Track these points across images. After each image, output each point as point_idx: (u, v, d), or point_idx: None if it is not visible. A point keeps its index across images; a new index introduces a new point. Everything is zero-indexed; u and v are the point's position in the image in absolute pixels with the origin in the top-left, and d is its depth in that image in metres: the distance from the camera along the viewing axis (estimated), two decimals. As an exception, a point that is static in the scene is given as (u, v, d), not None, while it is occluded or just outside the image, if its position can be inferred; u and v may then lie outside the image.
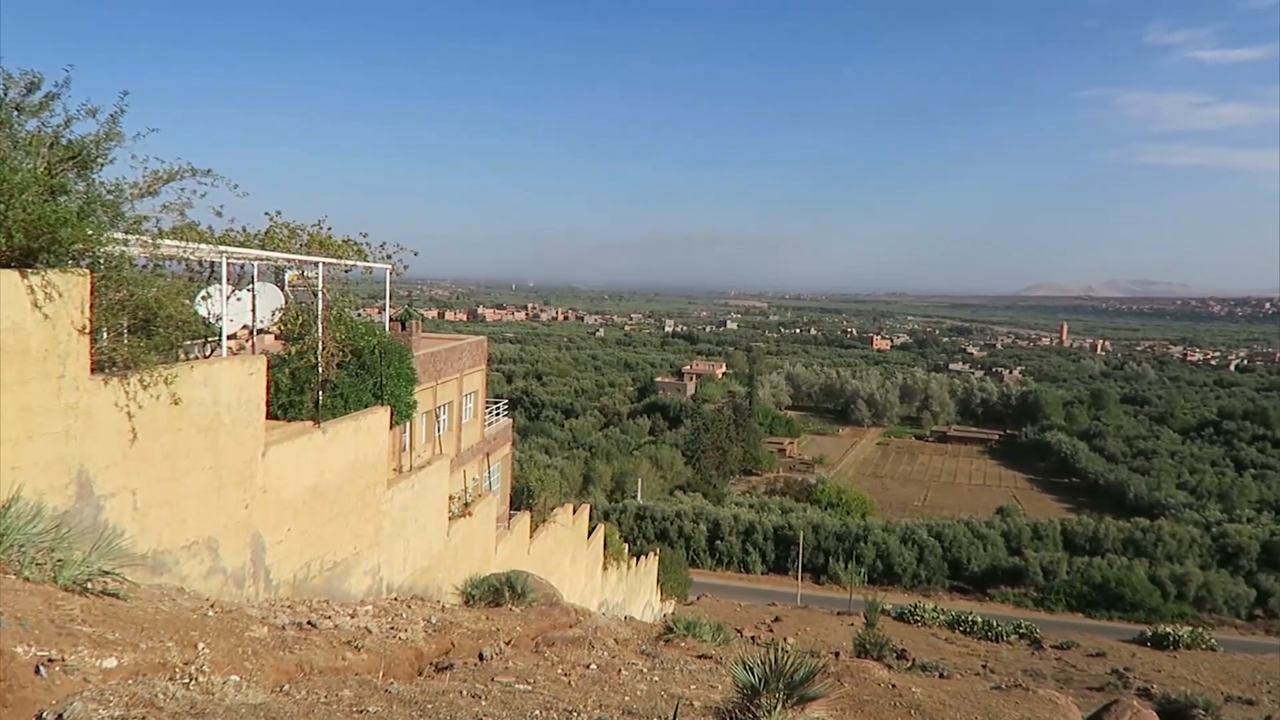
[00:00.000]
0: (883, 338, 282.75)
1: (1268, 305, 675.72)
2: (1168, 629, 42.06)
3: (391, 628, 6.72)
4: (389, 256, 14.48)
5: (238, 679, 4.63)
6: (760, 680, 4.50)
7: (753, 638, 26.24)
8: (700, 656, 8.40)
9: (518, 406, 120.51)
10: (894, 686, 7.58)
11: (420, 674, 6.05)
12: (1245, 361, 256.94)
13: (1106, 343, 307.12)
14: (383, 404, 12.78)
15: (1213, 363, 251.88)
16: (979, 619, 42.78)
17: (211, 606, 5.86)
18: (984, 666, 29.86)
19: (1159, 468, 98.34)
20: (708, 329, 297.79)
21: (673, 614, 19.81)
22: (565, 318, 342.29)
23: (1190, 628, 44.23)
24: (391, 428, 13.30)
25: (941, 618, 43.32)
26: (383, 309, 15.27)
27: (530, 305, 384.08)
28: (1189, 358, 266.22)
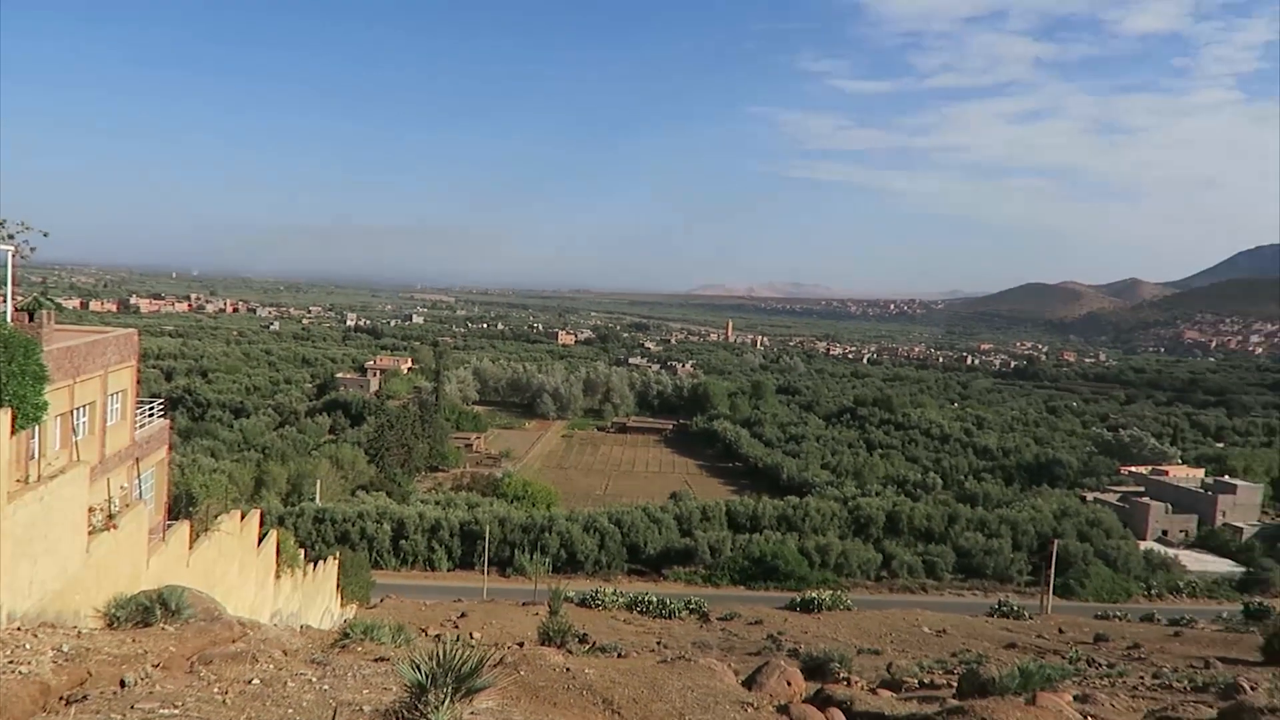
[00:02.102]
0: (568, 333, 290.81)
1: (892, 306, 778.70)
2: (814, 594, 46.93)
3: (10, 661, 5.90)
4: (10, 237, 12.64)
5: None
6: (428, 677, 4.49)
7: (437, 635, 25.95)
8: (377, 660, 8.19)
9: (178, 406, 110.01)
10: (568, 670, 7.86)
11: (45, 710, 5.37)
12: (875, 355, 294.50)
13: (765, 339, 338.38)
14: (1, 406, 11.10)
15: (850, 356, 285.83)
16: (654, 599, 45.22)
17: None
18: (658, 643, 31.69)
19: (807, 451, 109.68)
20: (392, 323, 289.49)
21: (352, 619, 19.09)
22: (235, 310, 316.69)
23: (832, 592, 49.78)
24: (14, 433, 11.59)
25: (621, 600, 45.31)
26: (3, 297, 13.29)
27: (194, 296, 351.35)
28: (831, 352, 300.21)
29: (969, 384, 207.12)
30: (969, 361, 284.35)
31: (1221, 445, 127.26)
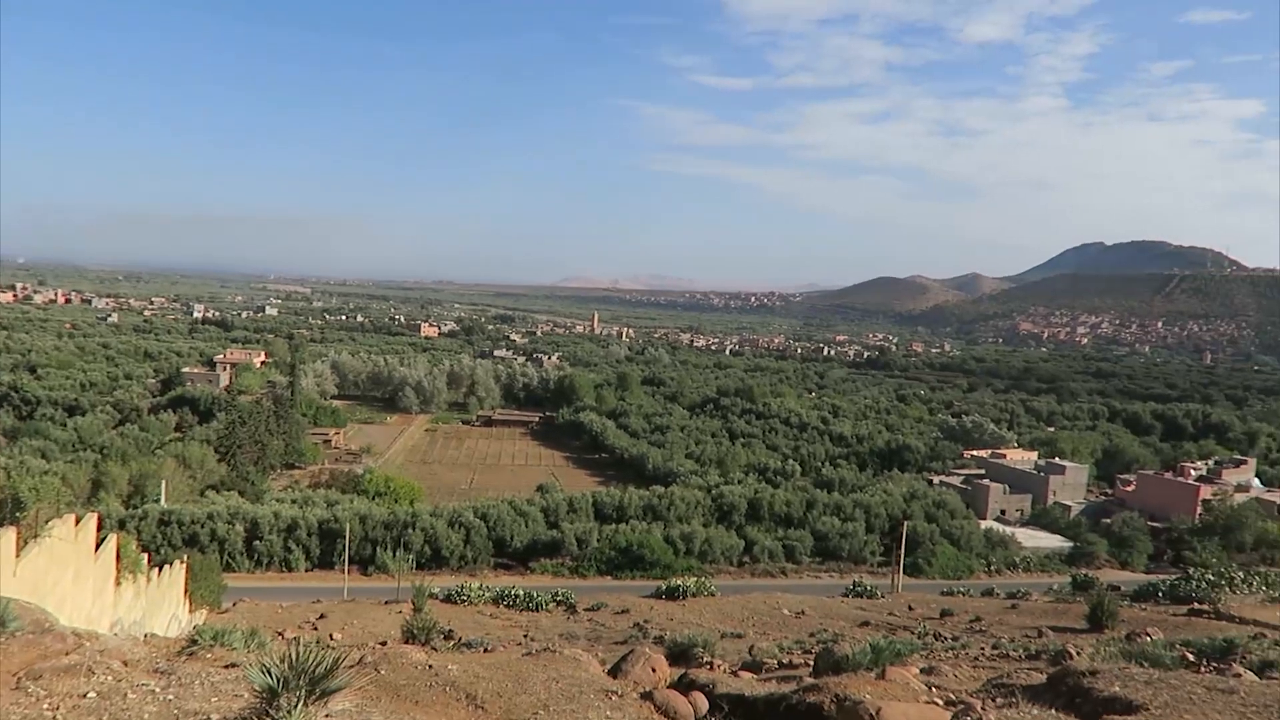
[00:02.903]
0: (430, 325, 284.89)
1: (753, 299, 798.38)
2: (679, 582, 47.68)
3: None
4: None
5: None
6: (279, 680, 4.33)
7: (295, 638, 25.01)
8: (228, 666, 7.84)
9: (2, 404, 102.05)
10: (431, 667, 7.74)
11: None
12: (737, 346, 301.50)
13: (630, 330, 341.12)
14: None
15: (713, 348, 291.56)
16: (521, 592, 44.99)
17: None
18: (525, 636, 31.56)
19: (672, 441, 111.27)
20: (244, 315, 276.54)
21: (202, 625, 18.18)
22: (67, 300, 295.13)
23: (696, 578, 50.69)
24: None
25: (487, 595, 44.86)
26: None
27: (20, 285, 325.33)
28: (695, 343, 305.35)
29: (825, 374, 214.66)
30: (825, 352, 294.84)
31: (1052, 429, 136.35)
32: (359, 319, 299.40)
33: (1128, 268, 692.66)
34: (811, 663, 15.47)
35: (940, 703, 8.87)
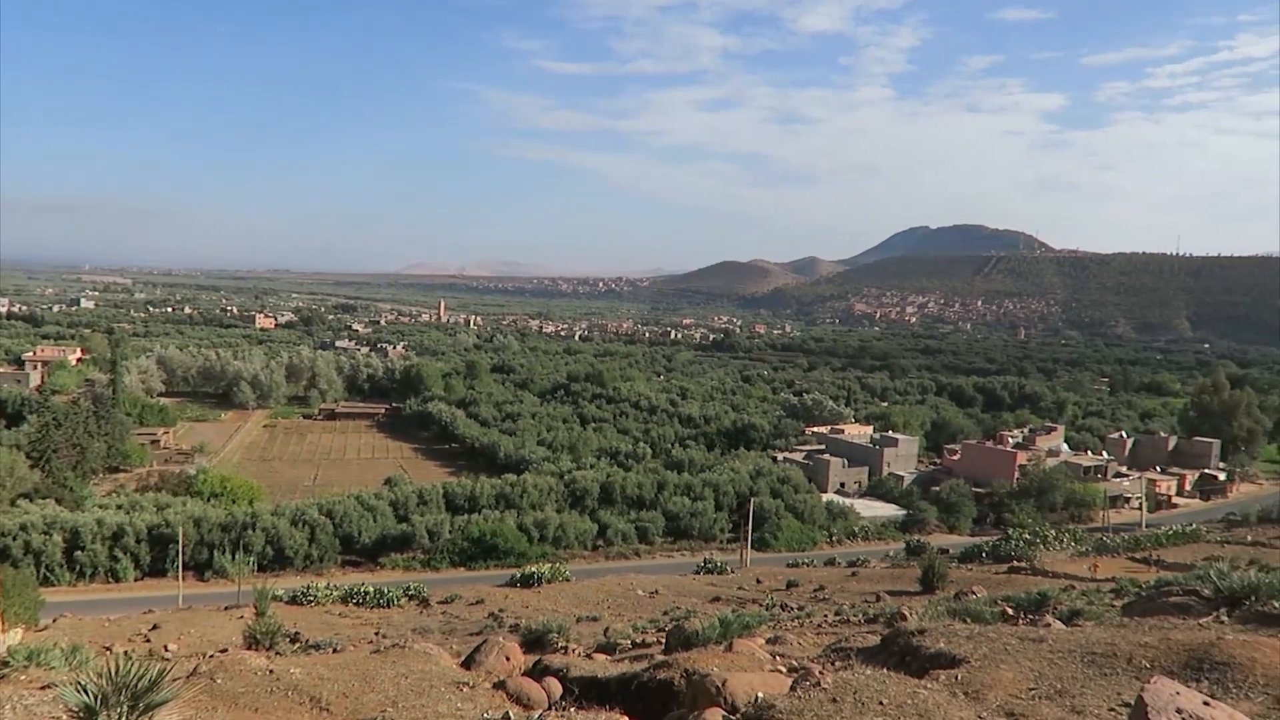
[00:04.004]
0: (266, 316, 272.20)
1: (601, 284, 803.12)
2: (534, 569, 47.67)
3: None
4: None
5: None
6: (97, 698, 4.06)
7: (126, 652, 23.53)
8: (44, 687, 7.31)
9: None
10: (272, 672, 7.46)
11: None
12: (586, 332, 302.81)
13: (478, 318, 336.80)
14: None
15: (563, 334, 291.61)
16: (372, 589, 43.86)
17: None
18: (376, 633, 30.80)
19: (523, 428, 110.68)
20: (56, 309, 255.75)
21: (15, 645, 16.83)
22: None
23: (551, 565, 50.79)
24: None
25: (335, 594, 43.49)
26: None
27: None
28: (544, 330, 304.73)
29: (673, 357, 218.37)
30: (673, 336, 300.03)
31: (886, 404, 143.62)
32: (186, 311, 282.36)
33: (951, 250, 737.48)
34: (664, 640, 15.82)
35: (783, 670, 9.27)
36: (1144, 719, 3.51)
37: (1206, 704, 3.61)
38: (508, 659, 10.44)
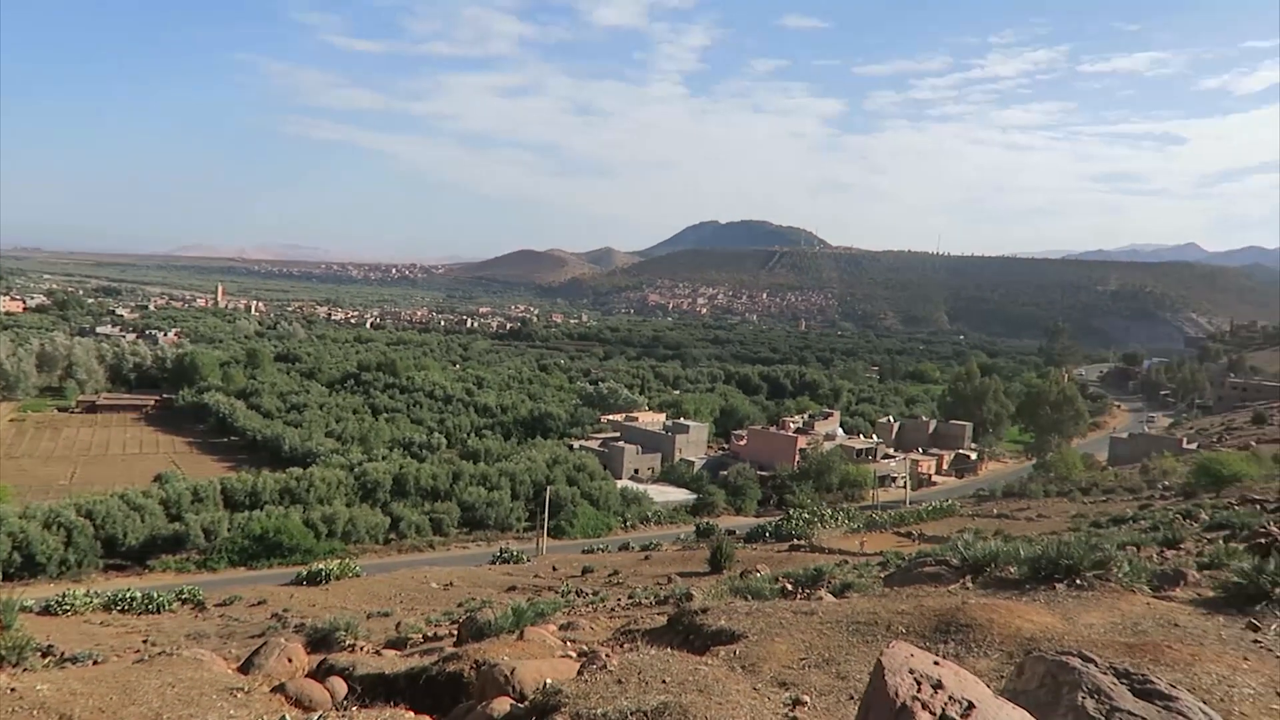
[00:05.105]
0: (13, 299, 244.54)
1: (394, 271, 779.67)
2: (321, 566, 45.70)
3: None
4: None
5: None
6: None
7: None
8: None
9: None
10: (13, 690, 6.79)
11: None
12: (378, 320, 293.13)
13: (260, 304, 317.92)
14: None
15: (353, 321, 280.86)
16: (139, 594, 40.54)
17: None
18: (144, 642, 28.57)
19: (310, 419, 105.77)
20: None
21: None
22: None
23: (340, 560, 48.90)
24: None
25: (96, 601, 39.88)
26: None
27: None
28: (333, 317, 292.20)
29: (469, 346, 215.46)
30: (469, 324, 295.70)
31: (678, 392, 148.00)
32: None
33: (739, 244, 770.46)
34: (457, 633, 15.68)
35: (574, 655, 9.44)
36: (881, 680, 3.88)
37: (936, 663, 4.03)
38: (290, 660, 10.02)
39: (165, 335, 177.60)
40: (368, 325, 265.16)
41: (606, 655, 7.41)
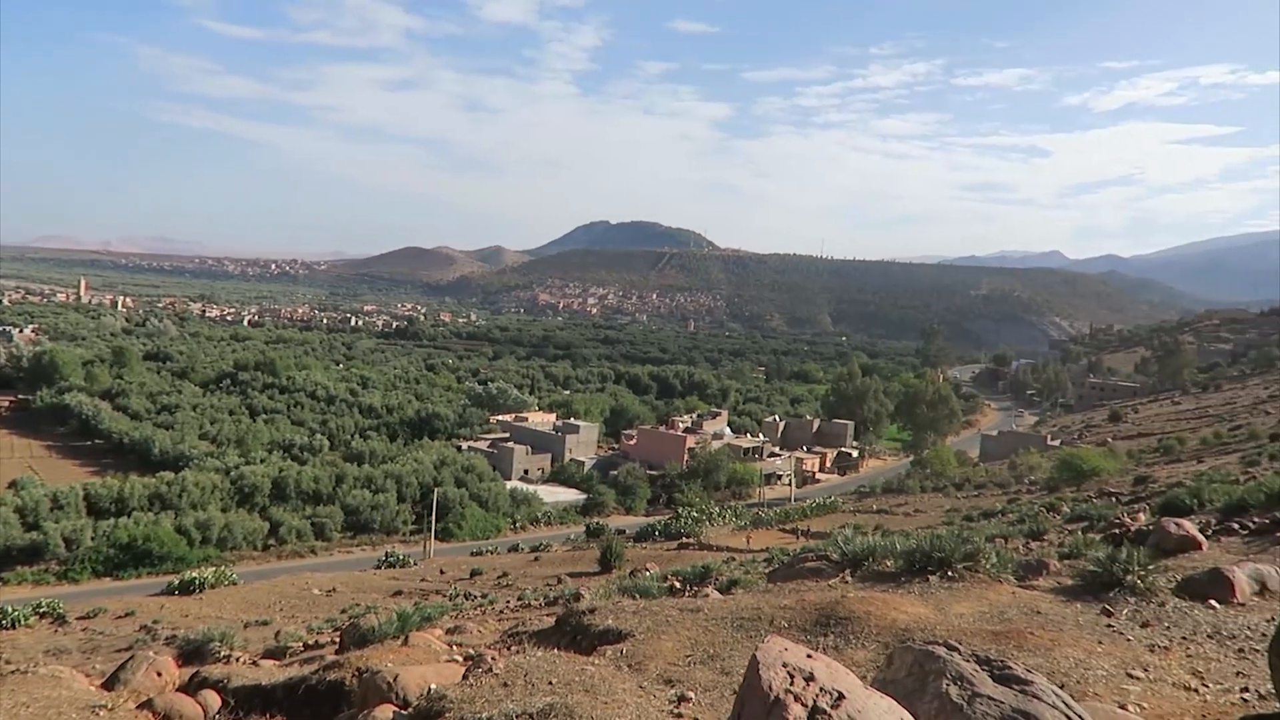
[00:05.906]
0: None
1: (274, 266, 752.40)
2: (195, 574, 43.84)
3: None
4: None
5: None
6: None
7: None
8: None
9: None
10: None
11: None
12: (257, 317, 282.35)
13: (128, 299, 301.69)
14: None
15: (229, 319, 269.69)
16: (-10, 609, 38.11)
17: None
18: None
19: (182, 421, 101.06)
20: None
21: None
22: None
23: (215, 568, 46.95)
24: None
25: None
26: None
27: None
28: (208, 314, 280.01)
29: (353, 344, 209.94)
30: (353, 322, 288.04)
31: (568, 392, 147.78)
32: None
33: (629, 245, 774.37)
34: (339, 640, 15.30)
35: (460, 659, 9.35)
36: (756, 674, 4.00)
37: (809, 656, 4.19)
38: (159, 674, 9.59)
39: (21, 332, 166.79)
40: (245, 323, 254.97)
41: (493, 658, 7.37)
